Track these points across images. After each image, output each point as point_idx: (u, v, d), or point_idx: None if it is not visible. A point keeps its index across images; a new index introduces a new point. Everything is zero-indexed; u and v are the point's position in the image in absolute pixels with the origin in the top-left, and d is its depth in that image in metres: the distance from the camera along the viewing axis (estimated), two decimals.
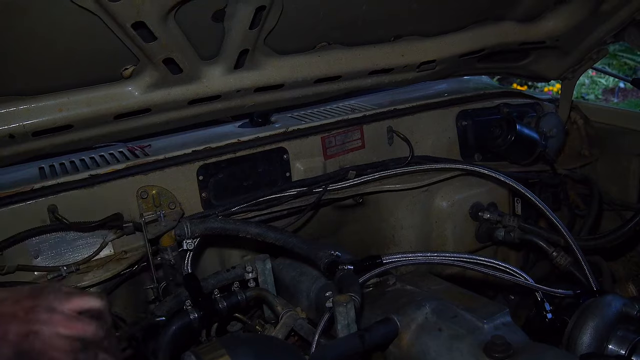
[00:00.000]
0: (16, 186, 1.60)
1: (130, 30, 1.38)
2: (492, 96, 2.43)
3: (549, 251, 1.96)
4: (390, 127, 2.15)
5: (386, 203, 2.12)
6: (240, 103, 1.86)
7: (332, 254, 1.56)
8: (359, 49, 1.95)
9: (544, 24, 2.15)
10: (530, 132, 2.21)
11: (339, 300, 1.30)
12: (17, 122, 1.51)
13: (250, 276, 1.69)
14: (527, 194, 1.92)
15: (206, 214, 1.79)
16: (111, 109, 1.61)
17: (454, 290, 1.53)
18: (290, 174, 1.97)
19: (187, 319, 1.54)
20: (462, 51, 2.14)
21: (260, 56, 1.74)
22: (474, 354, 1.24)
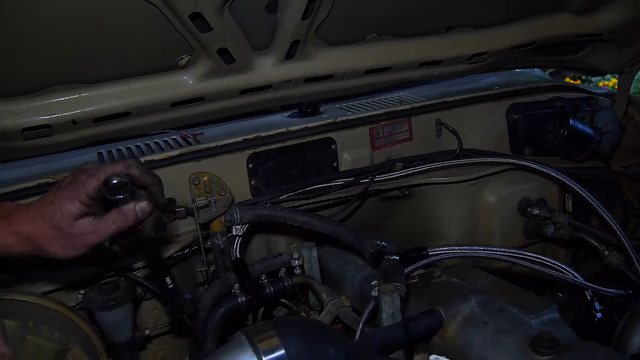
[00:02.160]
0: None
1: (187, 20, 1.42)
2: (545, 89, 2.37)
3: (600, 250, 1.92)
4: (439, 119, 2.14)
5: (433, 195, 2.12)
6: (290, 93, 1.88)
7: (378, 243, 1.57)
8: (409, 40, 1.94)
9: (601, 15, 2.08)
10: (584, 127, 2.15)
11: (385, 289, 1.32)
12: (80, 108, 1.58)
13: (297, 263, 1.73)
14: (579, 190, 1.88)
15: (255, 201, 1.83)
16: (167, 97, 1.66)
17: (501, 284, 1.52)
18: (337, 164, 1.99)
19: (235, 302, 1.59)
20: (515, 43, 2.10)
21: (311, 47, 1.76)
22: (520, 348, 1.23)
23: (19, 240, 1.13)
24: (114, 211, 1.15)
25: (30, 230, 1.13)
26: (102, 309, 1.50)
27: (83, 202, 1.13)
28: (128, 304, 1.55)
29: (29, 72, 1.46)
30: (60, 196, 1.13)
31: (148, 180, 1.21)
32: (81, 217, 1.13)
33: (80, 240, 1.13)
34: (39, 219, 1.13)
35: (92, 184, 1.13)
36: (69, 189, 1.14)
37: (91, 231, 1.13)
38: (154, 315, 1.73)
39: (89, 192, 1.13)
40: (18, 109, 1.52)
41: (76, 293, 1.59)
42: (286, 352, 0.99)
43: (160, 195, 1.24)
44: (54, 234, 1.12)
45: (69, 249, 1.14)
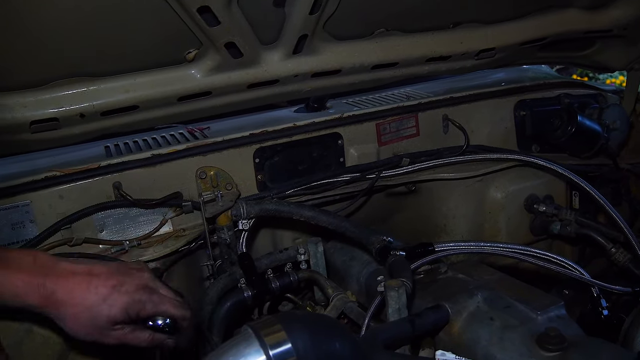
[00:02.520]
0: (84, 163, 1.69)
1: (195, 14, 1.42)
2: (552, 86, 2.36)
3: (607, 247, 1.91)
4: (446, 115, 2.13)
5: (439, 192, 2.11)
6: (298, 88, 1.88)
7: (384, 239, 1.57)
8: (417, 35, 1.93)
9: (612, 11, 2.06)
10: (592, 124, 2.14)
11: (391, 285, 1.32)
12: (88, 102, 1.58)
13: (303, 258, 1.73)
14: (587, 187, 1.87)
15: (261, 195, 1.83)
16: (175, 91, 1.67)
17: (507, 280, 1.51)
18: (344, 159, 1.99)
19: (241, 297, 1.60)
20: (524, 39, 2.09)
21: (318, 42, 1.76)
22: (526, 344, 1.23)
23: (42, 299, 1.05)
24: (147, 333, 1.17)
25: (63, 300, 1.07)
26: None
27: (131, 316, 1.12)
28: None
29: (37, 65, 1.47)
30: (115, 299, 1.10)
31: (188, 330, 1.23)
32: (119, 324, 1.12)
33: (104, 338, 1.12)
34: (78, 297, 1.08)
35: (148, 310, 1.14)
36: (128, 298, 1.11)
37: (121, 337, 1.13)
38: None
39: (141, 314, 1.13)
40: (26, 102, 1.53)
41: None
42: (293, 346, 0.99)
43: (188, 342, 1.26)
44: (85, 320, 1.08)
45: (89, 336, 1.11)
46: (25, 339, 1.37)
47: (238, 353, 0.98)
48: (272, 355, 0.97)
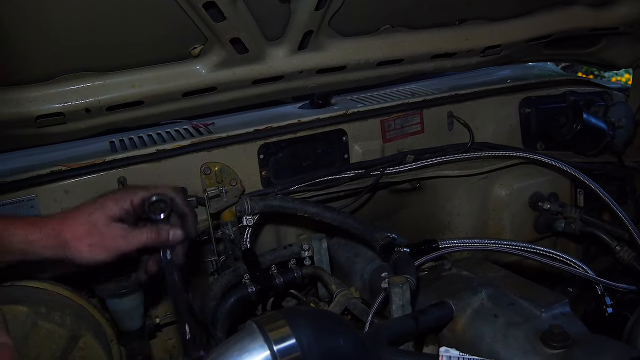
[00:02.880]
0: (89, 158, 1.69)
1: (201, 9, 1.42)
2: (558, 83, 2.35)
3: (612, 245, 1.91)
4: (451, 112, 2.13)
5: (443, 189, 2.11)
6: (302, 84, 1.88)
7: (388, 235, 1.57)
8: (422, 32, 1.93)
9: (618, 9, 2.05)
10: (597, 121, 2.13)
11: (395, 281, 1.32)
12: (93, 97, 1.59)
13: (307, 254, 1.73)
14: (591, 185, 1.86)
15: (266, 191, 1.83)
16: (180, 86, 1.67)
17: (512, 278, 1.51)
18: (348, 155, 1.99)
19: (245, 292, 1.60)
20: (529, 36, 2.08)
21: (323, 38, 1.75)
22: (530, 342, 1.23)
23: (45, 235, 1.12)
24: (149, 225, 1.19)
25: (60, 226, 1.13)
26: (114, 297, 1.51)
27: (125, 207, 1.16)
28: (139, 292, 1.56)
29: (43, 60, 1.47)
30: (102, 200, 1.16)
31: (186, 210, 1.25)
32: (118, 221, 1.15)
33: (110, 242, 1.14)
34: (72, 215, 1.14)
35: (140, 194, 1.18)
36: (115, 194, 1.18)
37: (123, 236, 1.15)
38: (164, 304, 1.75)
39: (134, 200, 1.17)
40: (32, 96, 1.53)
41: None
42: (297, 341, 0.99)
43: (194, 227, 1.27)
44: (86, 231, 1.13)
45: (96, 248, 1.13)
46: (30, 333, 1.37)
47: (242, 348, 0.99)
48: (276, 351, 0.97)
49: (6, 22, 1.31)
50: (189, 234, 1.25)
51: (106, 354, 1.47)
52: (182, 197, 1.24)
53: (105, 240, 1.14)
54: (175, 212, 1.24)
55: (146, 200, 1.18)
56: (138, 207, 1.18)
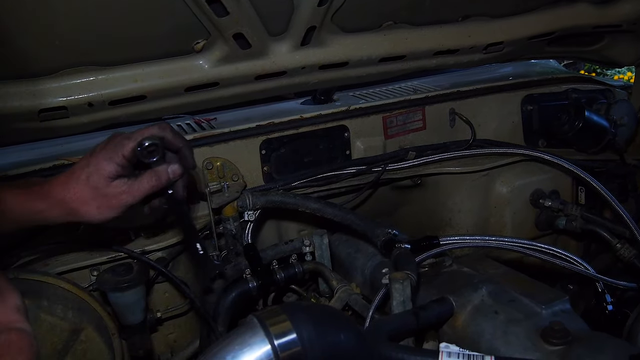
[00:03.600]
0: None
1: (204, 4, 1.42)
2: (560, 81, 2.35)
3: (613, 242, 1.91)
4: (453, 109, 2.13)
5: (445, 185, 2.11)
6: (305, 80, 1.88)
7: (389, 232, 1.57)
8: (425, 28, 1.92)
9: (622, 6, 2.05)
10: (599, 119, 2.13)
11: (396, 277, 1.32)
12: (96, 91, 1.59)
13: (308, 250, 1.73)
14: (593, 182, 1.86)
15: (267, 187, 1.84)
16: (182, 81, 1.67)
17: (512, 275, 1.51)
18: (350, 152, 1.99)
19: (247, 287, 1.60)
20: (532, 33, 2.08)
21: (326, 34, 1.75)
22: (530, 338, 1.23)
23: (50, 204, 1.15)
24: (147, 172, 1.20)
25: (63, 193, 1.15)
26: (115, 290, 1.52)
27: (119, 162, 1.17)
28: (141, 286, 1.56)
29: (46, 54, 1.47)
30: (95, 158, 1.17)
31: (179, 144, 1.26)
32: (117, 178, 1.17)
33: (115, 200, 1.17)
34: (72, 182, 1.16)
35: (129, 145, 1.18)
36: (105, 150, 1.18)
37: (126, 191, 1.17)
38: (165, 298, 1.75)
39: (125, 153, 1.17)
40: (35, 90, 1.54)
41: (89, 274, 1.61)
42: (298, 336, 0.99)
43: (190, 158, 1.28)
44: (89, 195, 1.15)
45: (104, 209, 1.17)
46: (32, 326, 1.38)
47: (243, 342, 0.99)
48: (277, 345, 0.97)
49: (9, 15, 1.31)
50: (187, 165, 1.28)
51: (107, 348, 1.48)
52: (170, 132, 1.24)
53: (110, 200, 1.17)
54: (168, 149, 1.25)
55: (137, 149, 1.18)
56: (131, 157, 1.19)
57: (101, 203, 1.16)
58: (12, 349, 0.87)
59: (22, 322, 0.92)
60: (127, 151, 1.18)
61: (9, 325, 0.90)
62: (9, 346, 0.87)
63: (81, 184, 1.15)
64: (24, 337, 0.89)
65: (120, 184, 1.17)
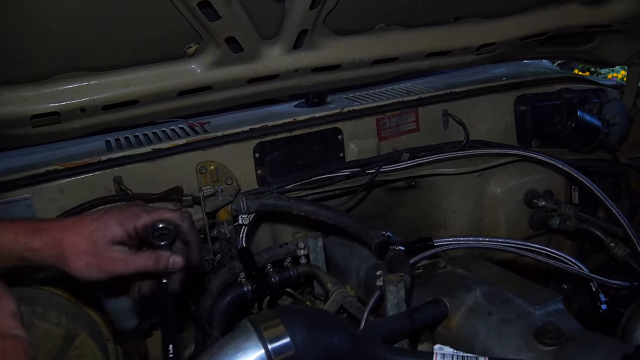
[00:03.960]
0: (85, 157, 1.69)
1: (195, 9, 1.42)
2: (553, 81, 2.36)
3: (606, 241, 1.92)
4: (446, 110, 2.13)
5: (439, 187, 2.12)
6: (298, 83, 1.88)
7: (383, 234, 1.58)
8: (417, 30, 1.93)
9: (612, 6, 2.06)
10: (591, 118, 2.14)
11: (390, 279, 1.32)
12: (88, 96, 1.58)
13: (302, 253, 1.73)
14: (586, 182, 1.87)
15: (261, 190, 1.84)
16: (175, 85, 1.67)
17: (506, 275, 1.52)
18: (344, 154, 1.99)
19: (241, 291, 1.60)
20: (524, 34, 2.09)
21: (318, 37, 1.76)
22: (524, 339, 1.24)
23: (46, 243, 1.10)
24: (150, 251, 1.17)
25: (61, 236, 1.11)
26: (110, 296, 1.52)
27: (128, 230, 1.14)
28: None
29: (38, 59, 1.47)
30: (107, 218, 1.14)
31: (192, 238, 1.24)
32: (119, 244, 1.14)
33: (108, 265, 1.13)
34: (75, 229, 1.13)
35: (145, 219, 1.16)
36: (121, 213, 1.15)
37: (122, 259, 1.14)
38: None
39: (137, 225, 1.15)
40: (27, 96, 1.53)
41: None
42: (291, 340, 0.99)
43: (197, 256, 1.26)
44: (86, 248, 1.12)
45: (92, 268, 1.13)
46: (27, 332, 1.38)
47: (237, 347, 0.99)
48: (270, 349, 0.97)
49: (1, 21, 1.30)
50: (191, 262, 1.24)
51: (102, 353, 1.48)
52: (189, 224, 1.23)
53: (103, 262, 1.13)
54: (180, 238, 1.22)
55: (150, 227, 1.16)
56: (142, 232, 1.16)
57: (93, 261, 1.12)
58: (7, 355, 0.86)
59: (18, 329, 0.91)
60: (140, 225, 1.15)
61: (5, 332, 0.89)
62: (4, 353, 0.86)
63: (82, 234, 1.12)
64: (19, 343, 0.89)
65: (119, 250, 1.14)
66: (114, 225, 1.13)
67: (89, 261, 1.12)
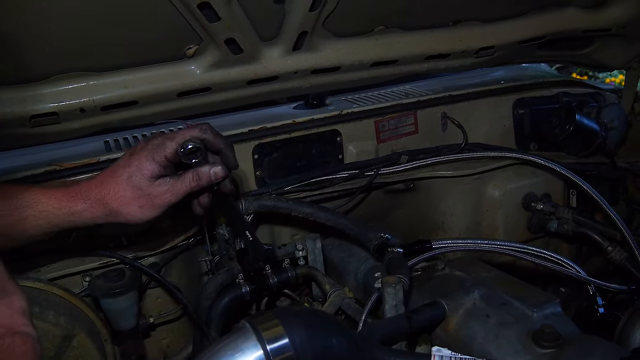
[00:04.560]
0: (84, 158, 1.69)
1: (195, 10, 1.42)
2: (551, 85, 2.37)
3: (604, 245, 1.92)
4: (445, 113, 2.14)
5: (437, 189, 2.12)
6: (297, 84, 1.88)
7: (382, 236, 1.58)
8: (416, 33, 1.93)
9: (611, 10, 2.07)
10: (590, 122, 2.15)
11: (388, 281, 1.32)
12: (88, 97, 1.58)
13: (301, 254, 1.73)
14: (584, 185, 1.87)
15: (260, 192, 1.84)
16: (174, 86, 1.67)
17: (504, 278, 1.52)
18: (342, 156, 1.99)
19: (239, 292, 1.60)
20: (523, 38, 2.09)
21: (318, 38, 1.76)
22: (521, 341, 1.24)
23: (90, 205, 1.15)
24: (190, 172, 1.22)
25: (103, 193, 1.15)
26: (108, 296, 1.51)
27: (161, 163, 1.17)
28: (133, 292, 1.56)
29: (37, 60, 1.47)
30: (137, 159, 1.17)
31: (221, 145, 1.27)
32: (159, 178, 1.17)
33: (159, 200, 1.17)
34: (113, 182, 1.16)
35: (171, 146, 1.18)
36: (147, 150, 1.18)
37: (169, 190, 1.18)
38: (158, 304, 1.74)
39: (167, 154, 1.18)
40: (26, 96, 1.53)
41: (81, 280, 1.61)
42: (290, 341, 1.00)
43: (233, 158, 1.32)
44: (131, 195, 1.15)
45: (147, 209, 1.17)
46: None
47: (236, 347, 0.99)
48: (269, 350, 0.98)
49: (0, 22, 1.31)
50: (230, 165, 1.31)
51: (100, 354, 1.48)
52: (212, 133, 1.26)
53: (153, 199, 1.17)
54: (210, 150, 1.27)
55: (179, 151, 1.19)
56: (173, 158, 1.19)
57: (144, 203, 1.16)
58: (16, 353, 0.86)
59: (28, 326, 0.91)
60: (169, 152, 1.18)
61: (14, 329, 0.89)
62: (13, 350, 0.86)
63: (122, 183, 1.15)
64: (28, 341, 0.89)
65: (162, 183, 1.18)
66: (147, 163, 1.16)
67: (141, 204, 1.16)
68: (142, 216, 1.18)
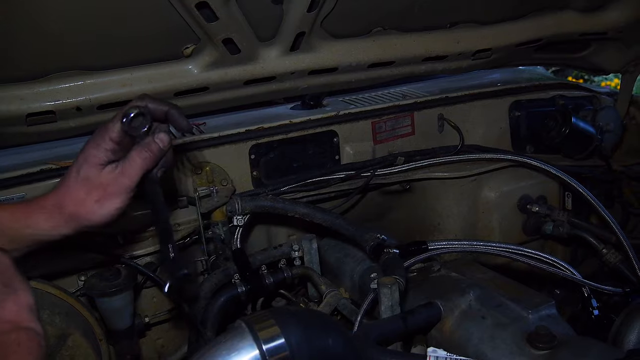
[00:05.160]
0: None
1: (193, 9, 1.42)
2: (547, 87, 2.38)
3: (599, 247, 1.93)
4: (441, 114, 2.15)
5: (433, 191, 2.12)
6: (294, 85, 1.88)
7: (378, 237, 1.58)
8: (413, 35, 1.94)
9: (608, 14, 2.08)
10: (585, 125, 2.15)
11: (384, 282, 1.33)
12: (84, 95, 1.58)
13: (297, 255, 1.74)
14: (579, 188, 1.88)
15: (256, 192, 1.84)
16: (171, 86, 1.67)
17: (499, 279, 1.53)
18: (339, 157, 2.00)
19: (235, 292, 1.60)
20: (520, 40, 2.10)
21: (315, 39, 1.76)
22: (517, 343, 1.24)
23: (48, 214, 1.04)
24: (134, 148, 1.10)
25: (57, 199, 1.05)
26: (103, 296, 1.51)
27: (108, 147, 1.07)
28: (128, 292, 1.56)
29: (34, 58, 1.46)
30: (83, 152, 1.08)
31: (164, 107, 1.15)
32: (107, 165, 1.07)
33: (113, 187, 1.06)
34: (64, 183, 1.07)
35: (114, 124, 1.08)
36: (92, 140, 1.09)
37: (121, 172, 1.07)
38: (153, 303, 1.74)
39: (112, 135, 1.07)
40: (23, 94, 1.52)
41: (77, 279, 1.60)
42: (286, 341, 1.00)
43: (182, 119, 1.16)
44: (85, 190, 1.05)
45: (105, 201, 1.06)
46: None
47: (232, 347, 0.99)
48: (265, 350, 0.97)
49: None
50: (180, 127, 1.18)
51: (95, 353, 1.47)
52: (149, 98, 1.14)
53: (107, 189, 1.06)
54: (155, 117, 1.14)
55: (124, 125, 1.08)
56: (120, 138, 1.09)
57: (99, 195, 1.05)
58: (21, 348, 0.86)
59: (34, 322, 0.90)
60: (113, 133, 1.08)
61: (21, 324, 0.89)
62: (18, 345, 0.86)
63: (71, 180, 1.06)
64: (33, 337, 0.89)
65: (112, 168, 1.07)
66: (92, 151, 1.07)
67: (97, 197, 1.06)
68: (103, 211, 1.06)
